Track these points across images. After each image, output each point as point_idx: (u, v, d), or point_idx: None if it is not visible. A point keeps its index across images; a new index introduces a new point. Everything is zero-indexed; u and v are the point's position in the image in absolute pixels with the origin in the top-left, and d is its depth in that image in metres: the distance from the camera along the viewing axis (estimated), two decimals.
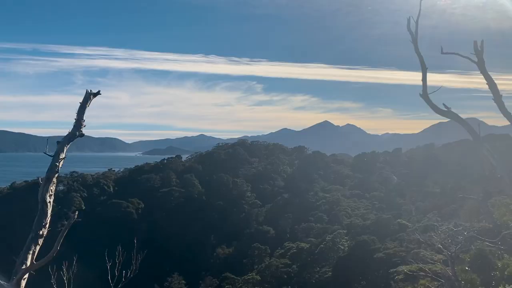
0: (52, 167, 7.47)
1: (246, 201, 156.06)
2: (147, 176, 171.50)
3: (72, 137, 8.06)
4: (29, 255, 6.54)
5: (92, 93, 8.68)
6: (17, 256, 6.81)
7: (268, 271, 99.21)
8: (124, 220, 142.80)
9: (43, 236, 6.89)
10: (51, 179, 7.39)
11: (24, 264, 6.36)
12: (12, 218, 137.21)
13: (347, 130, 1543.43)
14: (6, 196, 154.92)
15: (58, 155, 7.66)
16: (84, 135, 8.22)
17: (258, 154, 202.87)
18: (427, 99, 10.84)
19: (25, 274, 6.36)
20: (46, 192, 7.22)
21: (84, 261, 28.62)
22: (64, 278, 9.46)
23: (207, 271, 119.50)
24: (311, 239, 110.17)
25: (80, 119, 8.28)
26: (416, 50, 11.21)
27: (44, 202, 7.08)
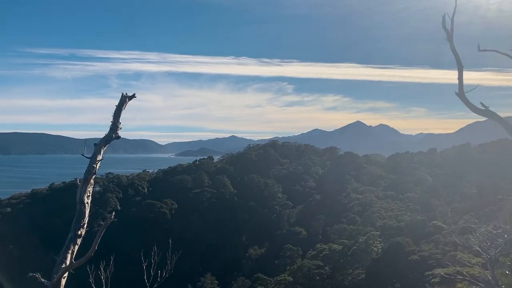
0: (89, 168, 7.68)
1: (277, 202, 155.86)
2: (180, 177, 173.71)
3: (108, 139, 8.26)
4: (69, 254, 6.75)
5: (128, 96, 8.86)
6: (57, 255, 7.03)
7: (300, 272, 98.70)
8: (158, 220, 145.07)
9: (81, 236, 7.09)
10: (89, 180, 7.60)
11: (63, 263, 6.56)
12: (51, 218, 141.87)
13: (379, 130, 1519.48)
14: (45, 197, 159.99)
15: (95, 157, 7.86)
16: (120, 137, 8.41)
17: (289, 155, 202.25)
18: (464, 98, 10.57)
19: (65, 273, 6.57)
20: (84, 193, 7.43)
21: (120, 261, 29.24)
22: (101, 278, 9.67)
23: (239, 272, 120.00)
24: (343, 241, 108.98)
25: (116, 122, 8.47)
26: (452, 48, 10.95)
27: (82, 203, 7.28)
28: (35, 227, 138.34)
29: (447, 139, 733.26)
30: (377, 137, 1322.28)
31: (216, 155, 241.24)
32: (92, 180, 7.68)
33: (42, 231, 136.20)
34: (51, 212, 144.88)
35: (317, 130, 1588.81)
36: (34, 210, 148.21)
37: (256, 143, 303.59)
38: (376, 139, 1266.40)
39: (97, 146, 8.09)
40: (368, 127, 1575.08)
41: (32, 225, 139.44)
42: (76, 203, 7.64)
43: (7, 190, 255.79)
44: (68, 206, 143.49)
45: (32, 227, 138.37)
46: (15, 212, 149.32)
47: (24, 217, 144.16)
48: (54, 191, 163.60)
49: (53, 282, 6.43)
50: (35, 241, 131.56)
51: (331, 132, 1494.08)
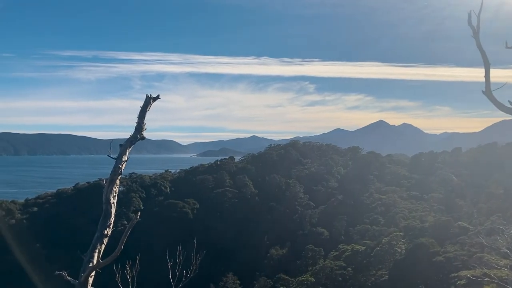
0: (115, 169, 7.78)
1: (299, 203, 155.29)
2: (201, 177, 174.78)
3: (134, 140, 8.36)
4: (95, 254, 6.85)
5: (152, 98, 8.96)
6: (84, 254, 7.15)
7: (322, 273, 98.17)
8: (180, 220, 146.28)
9: (107, 235, 7.19)
10: (115, 180, 7.70)
11: (90, 262, 6.67)
12: (76, 217, 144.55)
13: (403, 130, 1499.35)
14: (71, 197, 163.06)
15: (120, 158, 7.97)
16: (144, 138, 8.50)
17: (311, 155, 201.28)
18: (491, 96, 10.35)
19: (92, 271, 6.67)
20: (110, 193, 7.53)
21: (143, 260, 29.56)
22: (127, 277, 9.78)
23: (261, 272, 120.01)
24: (366, 242, 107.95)
25: (141, 123, 8.57)
26: (478, 45, 10.73)
27: (108, 203, 7.38)
28: (61, 226, 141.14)
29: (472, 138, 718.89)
30: (400, 137, 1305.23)
31: (237, 155, 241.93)
32: (118, 180, 7.78)
33: (68, 230, 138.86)
34: (76, 212, 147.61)
35: (339, 130, 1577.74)
36: (59, 210, 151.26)
37: (277, 143, 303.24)
38: (399, 138, 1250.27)
39: (122, 147, 8.19)
40: (391, 127, 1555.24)
41: (58, 224, 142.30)
42: (101, 203, 7.75)
43: (33, 190, 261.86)
44: (92, 205, 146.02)
45: (58, 226, 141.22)
46: (41, 212, 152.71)
47: (50, 217, 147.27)
48: (78, 191, 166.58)
49: (81, 281, 6.54)
50: (61, 240, 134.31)
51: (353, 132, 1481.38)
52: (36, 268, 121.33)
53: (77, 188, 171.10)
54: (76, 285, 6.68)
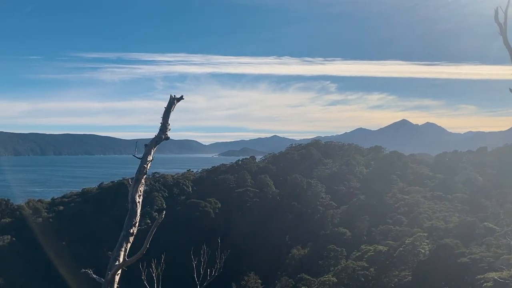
0: (140, 169, 7.90)
1: (320, 202, 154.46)
2: (223, 177, 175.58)
3: (158, 140, 8.48)
4: (122, 252, 6.97)
5: (176, 98, 9.07)
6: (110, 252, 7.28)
7: (344, 273, 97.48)
8: (202, 219, 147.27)
9: (133, 234, 7.31)
10: (140, 180, 7.82)
11: (117, 261, 6.78)
12: (100, 216, 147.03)
13: (426, 129, 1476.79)
14: (95, 196, 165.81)
15: (146, 158, 8.09)
16: (169, 138, 8.61)
17: (333, 155, 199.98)
18: None
19: (119, 270, 6.79)
20: (136, 192, 7.65)
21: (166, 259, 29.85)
22: (153, 275, 9.91)
23: (282, 271, 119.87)
24: (389, 242, 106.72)
25: (165, 123, 8.69)
26: (505, 42, 10.52)
27: (134, 202, 7.50)
28: (86, 224, 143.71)
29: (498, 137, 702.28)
30: (423, 136, 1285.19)
31: (258, 155, 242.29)
32: (143, 180, 7.91)
33: (92, 228, 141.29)
34: (100, 211, 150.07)
35: (361, 129, 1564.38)
36: (84, 209, 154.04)
37: (298, 142, 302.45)
38: (422, 138, 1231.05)
39: (147, 147, 8.32)
40: (414, 126, 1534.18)
41: (83, 222, 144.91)
42: (126, 202, 7.87)
43: (59, 189, 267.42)
44: (116, 204, 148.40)
45: (82, 224, 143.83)
46: (67, 210, 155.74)
47: (76, 215, 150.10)
48: (103, 190, 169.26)
49: (108, 279, 6.67)
50: (85, 238, 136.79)
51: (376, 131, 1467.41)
52: (62, 265, 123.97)
53: (101, 188, 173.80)
54: (103, 283, 6.81)
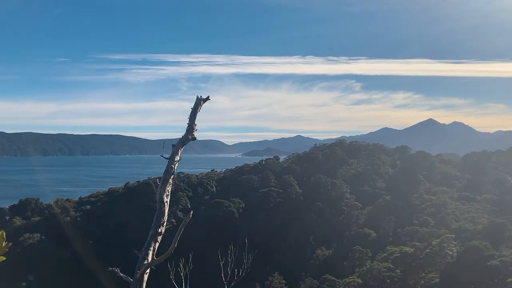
0: (168, 169, 7.97)
1: (345, 203, 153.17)
2: (247, 177, 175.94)
3: (185, 141, 8.53)
4: (150, 251, 7.03)
5: (202, 99, 9.12)
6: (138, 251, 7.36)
7: (370, 275, 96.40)
8: (226, 219, 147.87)
9: (161, 233, 7.37)
10: (168, 180, 7.88)
11: (145, 260, 6.85)
12: (126, 215, 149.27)
13: (454, 128, 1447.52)
14: (122, 195, 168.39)
15: (173, 158, 8.15)
16: (195, 139, 8.65)
17: (357, 155, 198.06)
18: None
19: (147, 269, 6.85)
20: (164, 192, 7.71)
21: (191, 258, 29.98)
22: (181, 275, 9.96)
23: (306, 272, 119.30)
24: (415, 243, 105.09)
25: (192, 124, 8.74)
26: None
27: (162, 201, 7.56)
28: (113, 223, 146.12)
29: None
30: (451, 136, 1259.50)
31: (282, 155, 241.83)
32: (170, 180, 7.97)
33: (119, 227, 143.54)
34: (126, 210, 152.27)
35: (386, 129, 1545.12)
36: (111, 208, 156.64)
37: (322, 142, 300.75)
38: (450, 137, 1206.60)
39: (174, 147, 8.38)
40: (441, 125, 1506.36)
41: (110, 221, 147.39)
42: (151, 202, 7.95)
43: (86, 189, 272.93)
44: (143, 204, 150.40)
45: (109, 223, 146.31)
46: (94, 209, 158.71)
47: (102, 214, 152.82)
48: (129, 189, 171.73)
49: (136, 277, 6.74)
50: (112, 237, 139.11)
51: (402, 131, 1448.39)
52: (89, 263, 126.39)
53: (127, 187, 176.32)
54: (132, 282, 6.89)
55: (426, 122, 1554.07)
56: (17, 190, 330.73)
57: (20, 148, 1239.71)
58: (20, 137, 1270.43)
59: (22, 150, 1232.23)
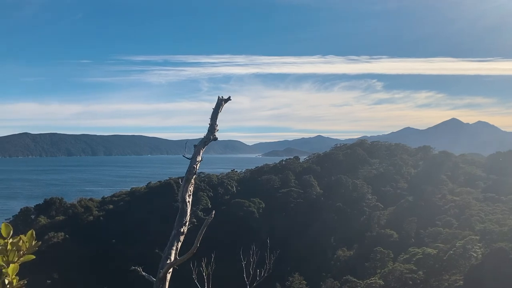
0: (190, 169, 8.00)
1: (366, 204, 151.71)
2: (267, 177, 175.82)
3: (207, 141, 8.56)
4: (173, 251, 7.06)
5: (224, 99, 9.13)
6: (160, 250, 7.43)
7: (391, 276, 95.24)
8: (246, 219, 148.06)
9: (184, 233, 7.40)
10: (190, 180, 7.91)
11: (168, 259, 6.89)
12: (148, 215, 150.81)
13: (478, 128, 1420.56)
14: (143, 195, 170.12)
15: (195, 158, 8.18)
16: (217, 139, 8.67)
17: (379, 155, 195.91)
18: None
19: (170, 268, 6.89)
20: (186, 192, 7.75)
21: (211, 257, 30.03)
22: (203, 274, 9.99)
23: (327, 273, 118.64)
24: (438, 245, 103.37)
25: (213, 124, 8.76)
26: None
27: (184, 201, 7.60)
28: (135, 223, 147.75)
29: None
30: (475, 135, 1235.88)
31: (302, 155, 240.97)
32: (193, 180, 7.99)
33: (141, 227, 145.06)
34: (148, 209, 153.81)
35: (408, 129, 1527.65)
36: (133, 207, 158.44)
37: (343, 142, 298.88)
38: (474, 137, 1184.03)
39: (196, 147, 8.41)
40: (465, 125, 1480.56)
41: (132, 221, 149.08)
42: (172, 201, 7.99)
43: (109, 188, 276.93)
44: (164, 203, 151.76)
45: (131, 223, 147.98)
46: (116, 209, 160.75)
47: (125, 214, 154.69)
48: (151, 189, 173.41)
49: (160, 276, 6.78)
50: (134, 237, 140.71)
51: (424, 131, 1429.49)
52: (112, 262, 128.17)
53: (149, 187, 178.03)
54: (155, 281, 6.94)
55: (449, 122, 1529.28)
56: (42, 189, 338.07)
57: (45, 148, 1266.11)
58: (45, 138, 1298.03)
59: (46, 150, 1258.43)
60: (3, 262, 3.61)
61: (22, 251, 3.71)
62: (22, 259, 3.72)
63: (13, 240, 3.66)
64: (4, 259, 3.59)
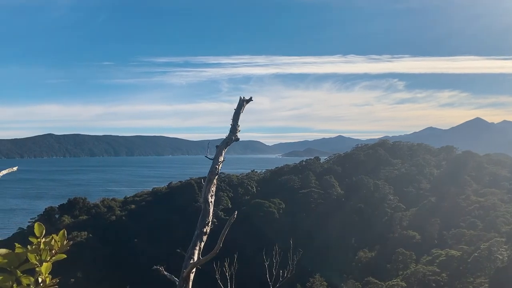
0: (212, 169, 8.04)
1: (388, 204, 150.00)
2: (287, 177, 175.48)
3: (229, 141, 8.59)
4: (196, 251, 7.11)
5: (245, 100, 9.15)
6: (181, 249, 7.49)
7: (414, 278, 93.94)
8: (266, 219, 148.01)
9: (206, 233, 7.44)
10: (212, 180, 7.96)
11: (191, 259, 6.94)
12: (169, 214, 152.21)
13: (503, 127, 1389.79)
14: (165, 195, 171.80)
15: (217, 158, 8.22)
16: (239, 139, 8.69)
17: (401, 155, 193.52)
18: None
19: (193, 268, 6.94)
20: (208, 192, 7.79)
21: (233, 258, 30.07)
22: (226, 274, 10.03)
23: (348, 274, 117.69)
24: (462, 247, 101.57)
25: (235, 125, 8.78)
26: None
27: (206, 201, 7.64)
28: (156, 223, 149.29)
29: None
30: (500, 135, 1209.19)
31: (323, 156, 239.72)
32: (215, 180, 8.04)
33: (162, 226, 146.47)
34: (169, 209, 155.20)
35: (431, 128, 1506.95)
36: (154, 207, 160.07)
37: (364, 142, 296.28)
38: (498, 137, 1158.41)
39: (219, 148, 8.45)
40: (489, 124, 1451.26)
41: (153, 220, 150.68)
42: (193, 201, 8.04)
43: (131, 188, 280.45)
44: (185, 203, 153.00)
45: (153, 222, 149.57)
46: (138, 209, 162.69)
47: (146, 213, 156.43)
48: (172, 189, 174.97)
49: (183, 276, 6.83)
50: (156, 236, 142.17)
51: (447, 130, 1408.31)
52: (134, 261, 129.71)
53: (170, 187, 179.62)
54: (178, 281, 6.99)
55: (473, 121, 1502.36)
56: (66, 189, 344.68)
57: (68, 149, 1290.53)
58: (68, 138, 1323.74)
59: (70, 151, 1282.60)
60: (36, 261, 3.69)
61: (54, 250, 3.79)
62: (54, 258, 3.81)
63: (45, 240, 3.74)
64: (37, 258, 3.68)
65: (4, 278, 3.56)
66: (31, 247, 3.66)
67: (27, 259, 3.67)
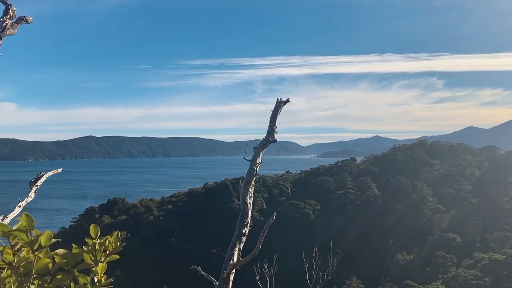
0: (250, 171, 8.10)
1: (427, 206, 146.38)
2: (322, 178, 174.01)
3: (266, 143, 8.63)
4: (235, 252, 7.19)
5: (282, 101, 9.17)
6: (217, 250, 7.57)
7: (455, 282, 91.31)
8: (302, 221, 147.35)
9: (245, 234, 7.51)
10: (250, 181, 8.02)
11: (231, 260, 7.02)
12: (205, 215, 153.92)
13: None
14: (201, 195, 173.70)
15: (255, 160, 8.28)
16: (276, 141, 8.72)
17: (440, 156, 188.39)
18: None
19: (233, 269, 7.02)
20: (247, 193, 7.85)
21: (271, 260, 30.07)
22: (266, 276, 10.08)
23: (386, 277, 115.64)
24: (506, 250, 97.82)
25: (272, 126, 8.81)
26: None
27: (245, 203, 7.71)
28: (192, 223, 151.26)
29: None
30: None
31: (359, 156, 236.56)
32: (253, 181, 8.10)
33: (198, 227, 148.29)
34: (205, 210, 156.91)
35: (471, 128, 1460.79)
36: (191, 208, 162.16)
37: (402, 143, 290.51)
38: None
39: (256, 149, 8.50)
40: None
41: (190, 221, 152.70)
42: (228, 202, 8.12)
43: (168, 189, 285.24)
44: (220, 204, 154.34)
45: (190, 223, 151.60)
46: (175, 209, 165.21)
47: (183, 214, 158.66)
48: (208, 190, 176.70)
49: (223, 277, 6.92)
50: (192, 236, 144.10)
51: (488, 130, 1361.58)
52: (172, 261, 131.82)
53: (206, 188, 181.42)
54: (217, 282, 7.09)
55: None
56: (106, 189, 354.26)
57: (108, 151, 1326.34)
58: (108, 140, 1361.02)
59: (109, 152, 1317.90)
60: (91, 261, 3.83)
61: (108, 251, 3.92)
62: (108, 258, 3.94)
63: (100, 241, 3.88)
64: (92, 258, 3.83)
65: (63, 277, 3.70)
66: (87, 247, 3.81)
67: (83, 259, 3.82)
